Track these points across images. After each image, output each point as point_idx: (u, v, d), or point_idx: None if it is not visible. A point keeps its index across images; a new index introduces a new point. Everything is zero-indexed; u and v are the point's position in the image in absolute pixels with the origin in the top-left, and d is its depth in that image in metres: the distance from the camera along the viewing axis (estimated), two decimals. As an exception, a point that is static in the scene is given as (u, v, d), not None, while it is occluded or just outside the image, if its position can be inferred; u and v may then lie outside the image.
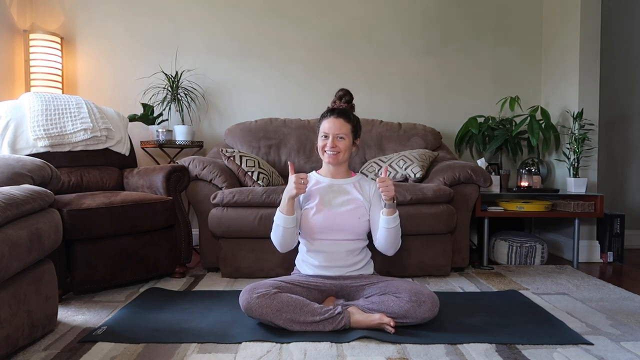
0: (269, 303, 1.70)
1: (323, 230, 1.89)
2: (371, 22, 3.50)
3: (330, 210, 1.90)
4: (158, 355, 1.54)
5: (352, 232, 1.91)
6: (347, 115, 1.95)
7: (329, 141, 1.91)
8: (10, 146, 2.42)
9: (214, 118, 3.46)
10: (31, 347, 1.59)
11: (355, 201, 1.93)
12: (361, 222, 1.92)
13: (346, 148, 1.94)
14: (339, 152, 1.92)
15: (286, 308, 1.70)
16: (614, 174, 3.62)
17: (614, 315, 1.95)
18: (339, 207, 1.91)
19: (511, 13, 3.56)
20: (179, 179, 2.58)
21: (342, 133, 1.91)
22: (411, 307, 1.72)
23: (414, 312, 1.72)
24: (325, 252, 1.91)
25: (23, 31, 3.18)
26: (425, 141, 3.15)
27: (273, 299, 1.71)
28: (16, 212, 1.48)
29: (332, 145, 1.90)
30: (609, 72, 3.54)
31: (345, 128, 1.92)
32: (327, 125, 1.92)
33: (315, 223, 1.89)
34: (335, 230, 1.89)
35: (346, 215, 1.90)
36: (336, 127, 1.91)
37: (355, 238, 1.93)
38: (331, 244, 1.91)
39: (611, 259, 3.09)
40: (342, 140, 1.92)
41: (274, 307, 1.70)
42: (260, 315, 1.71)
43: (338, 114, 1.93)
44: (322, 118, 1.97)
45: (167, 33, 3.40)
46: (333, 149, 1.91)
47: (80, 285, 2.14)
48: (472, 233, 3.45)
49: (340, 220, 1.89)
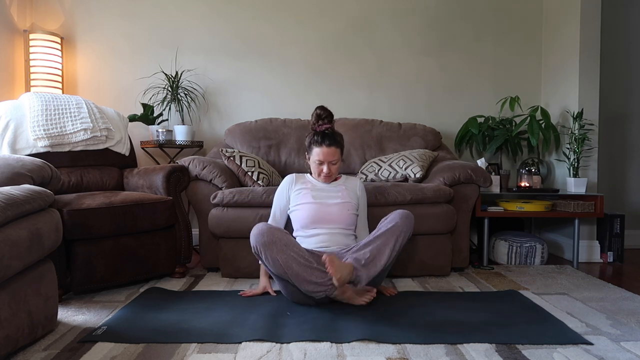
0: (280, 236, 1.88)
1: (317, 221, 2.13)
2: (371, 22, 3.50)
3: (322, 203, 2.16)
4: (158, 355, 1.54)
5: (343, 223, 2.16)
6: (336, 142, 2.17)
7: (325, 168, 2.17)
8: (10, 146, 2.42)
9: (214, 118, 3.46)
10: (31, 347, 1.59)
11: (344, 197, 2.20)
12: (350, 214, 2.18)
13: (337, 169, 2.23)
14: (331, 175, 2.21)
15: (292, 245, 1.88)
16: (614, 174, 3.62)
17: (614, 315, 1.95)
18: (330, 200, 2.18)
19: (511, 13, 3.56)
20: (179, 179, 2.58)
21: (335, 159, 2.18)
22: (400, 219, 1.99)
23: (406, 220, 1.99)
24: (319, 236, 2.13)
25: (23, 31, 3.18)
26: (425, 141, 3.16)
27: (283, 234, 1.91)
28: (16, 212, 1.48)
29: (327, 172, 2.18)
30: (609, 72, 3.54)
31: (336, 154, 2.18)
32: (321, 154, 2.15)
33: (309, 215, 2.13)
34: (329, 220, 2.14)
35: (337, 207, 2.16)
36: (330, 155, 2.16)
37: (346, 227, 2.17)
38: (325, 231, 2.13)
39: (611, 259, 3.09)
40: (334, 165, 2.20)
41: (284, 240, 1.88)
42: (270, 242, 1.86)
43: (330, 142, 2.15)
44: (314, 144, 2.17)
45: (167, 33, 3.40)
46: (328, 174, 2.19)
47: (80, 285, 2.14)
48: (472, 233, 3.45)
49: (333, 211, 2.14)
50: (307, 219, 2.13)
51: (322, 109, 2.21)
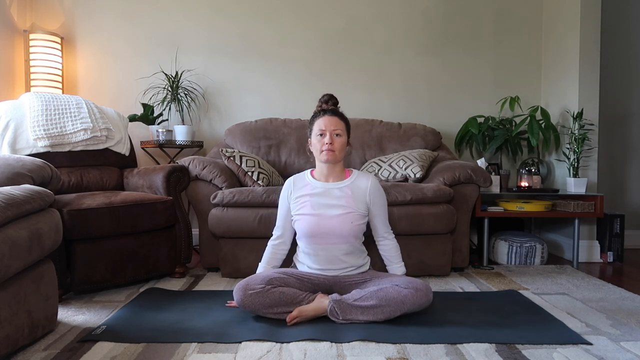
0: (262, 300, 1.78)
1: (316, 235, 1.92)
2: (371, 22, 3.50)
3: (321, 216, 1.92)
4: (158, 355, 1.54)
5: (346, 236, 1.92)
6: (340, 114, 1.99)
7: (327, 137, 1.91)
8: (10, 146, 2.42)
9: (214, 118, 3.46)
10: (31, 347, 1.59)
11: (348, 206, 1.93)
12: (354, 226, 1.92)
13: (342, 146, 1.95)
14: (335, 149, 1.92)
15: (278, 303, 1.79)
16: (614, 174, 3.62)
17: (614, 315, 1.95)
18: (331, 212, 1.92)
19: (511, 13, 3.56)
20: (179, 179, 2.58)
21: (339, 129, 1.93)
22: (409, 293, 1.77)
23: (412, 298, 1.77)
24: (319, 255, 1.94)
25: (23, 31, 3.18)
26: (425, 141, 3.16)
27: (265, 297, 1.78)
28: (16, 212, 1.48)
29: (329, 141, 1.90)
30: (609, 72, 3.54)
31: (340, 125, 1.95)
32: (323, 123, 1.93)
33: (308, 229, 1.92)
34: (329, 235, 1.91)
35: (338, 219, 1.91)
36: (332, 123, 1.92)
37: (349, 242, 1.94)
38: (326, 248, 1.93)
39: (611, 259, 3.09)
40: (339, 137, 1.93)
41: (267, 303, 1.79)
42: (253, 311, 1.81)
43: (332, 112, 1.96)
44: (315, 117, 1.99)
45: (167, 33, 3.40)
46: (331, 146, 1.90)
47: (80, 285, 2.14)
48: (472, 233, 3.45)
49: (333, 225, 1.90)
50: (305, 232, 1.93)
51: (328, 95, 2.06)
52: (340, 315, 1.77)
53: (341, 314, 1.77)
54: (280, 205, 2.08)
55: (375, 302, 1.76)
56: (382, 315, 1.77)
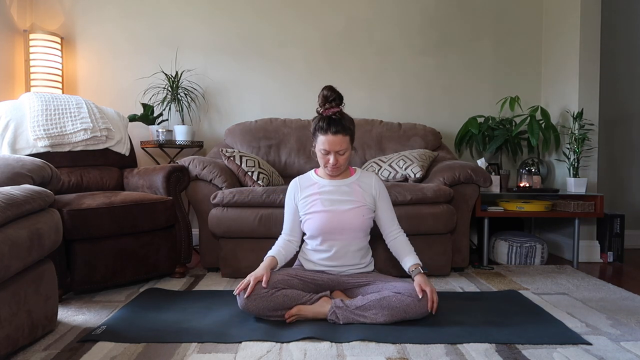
0: (266, 304, 1.78)
1: (330, 231, 1.91)
2: (371, 22, 3.50)
3: (335, 211, 1.91)
4: (158, 355, 1.54)
5: (357, 230, 1.93)
6: (345, 128, 1.86)
7: (331, 158, 1.87)
8: (10, 146, 2.42)
9: (214, 118, 3.46)
10: (31, 347, 1.59)
11: (358, 200, 1.95)
12: (365, 219, 1.94)
13: (347, 159, 1.93)
14: (340, 166, 1.91)
15: (281, 306, 1.79)
16: (614, 174, 3.62)
17: (614, 315, 1.95)
18: (343, 207, 1.93)
19: (511, 13, 3.56)
20: (179, 179, 2.58)
21: (343, 148, 1.87)
22: (412, 302, 1.77)
23: (414, 307, 1.76)
24: (331, 251, 1.94)
25: (23, 31, 3.18)
26: (425, 141, 3.16)
27: (269, 301, 1.78)
28: (16, 212, 1.48)
29: (334, 162, 1.88)
30: (609, 72, 3.54)
31: (345, 142, 1.87)
32: (327, 143, 1.85)
33: (322, 225, 1.91)
34: (342, 229, 1.91)
35: (351, 213, 1.92)
36: (336, 143, 1.85)
37: (360, 235, 1.96)
38: (338, 244, 1.94)
39: (611, 259, 3.09)
40: (342, 155, 1.90)
41: (270, 307, 1.79)
42: (257, 314, 1.82)
43: (336, 130, 1.84)
44: (319, 131, 1.87)
45: (167, 33, 3.40)
46: (335, 166, 1.89)
47: (80, 285, 2.14)
48: (472, 233, 3.45)
49: (347, 219, 1.91)
50: (318, 229, 1.91)
51: (329, 90, 1.89)
52: (342, 321, 1.78)
53: (342, 320, 1.78)
54: (287, 207, 2.03)
55: (377, 312, 1.76)
56: (383, 320, 1.77)
